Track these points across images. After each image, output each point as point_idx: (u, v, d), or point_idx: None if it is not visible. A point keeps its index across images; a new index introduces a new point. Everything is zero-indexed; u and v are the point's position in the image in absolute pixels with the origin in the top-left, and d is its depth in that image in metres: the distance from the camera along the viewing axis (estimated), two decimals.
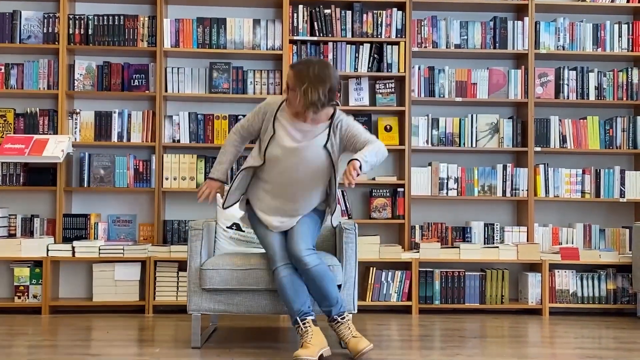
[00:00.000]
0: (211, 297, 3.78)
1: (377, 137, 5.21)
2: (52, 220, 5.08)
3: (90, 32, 5.12)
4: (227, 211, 4.05)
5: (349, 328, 3.56)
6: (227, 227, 4.16)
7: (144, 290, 4.93)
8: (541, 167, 5.26)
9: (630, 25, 5.34)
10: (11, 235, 5.07)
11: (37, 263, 4.92)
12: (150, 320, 4.68)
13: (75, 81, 5.12)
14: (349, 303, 3.79)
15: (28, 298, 4.90)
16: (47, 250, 4.89)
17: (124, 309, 4.95)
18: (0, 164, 5.02)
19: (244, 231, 4.16)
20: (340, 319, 3.57)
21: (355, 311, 3.82)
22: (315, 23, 5.18)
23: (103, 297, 4.92)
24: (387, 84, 5.24)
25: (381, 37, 5.22)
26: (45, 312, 4.86)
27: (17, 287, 4.90)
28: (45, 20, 5.10)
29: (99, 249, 4.91)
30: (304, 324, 3.50)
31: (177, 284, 4.93)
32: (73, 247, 4.91)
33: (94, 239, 5.07)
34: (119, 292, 4.92)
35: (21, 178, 5.05)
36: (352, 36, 5.21)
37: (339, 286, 3.75)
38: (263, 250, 3.83)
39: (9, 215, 5.10)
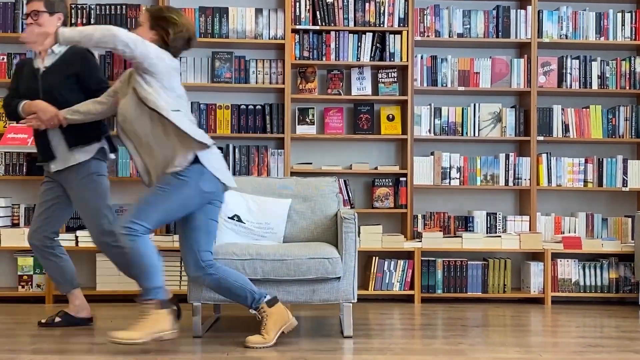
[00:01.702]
0: None
1: (380, 126, 5.23)
2: None
3: (92, 21, 5.11)
4: (229, 203, 4.07)
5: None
6: (229, 218, 4.17)
7: None
8: (544, 156, 5.25)
9: (634, 13, 5.32)
10: (14, 225, 5.08)
11: None
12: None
13: None
14: (348, 293, 3.80)
15: (32, 287, 4.92)
16: None
17: (127, 298, 4.97)
18: (3, 153, 5.03)
19: (244, 223, 4.16)
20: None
21: (355, 300, 3.82)
22: (318, 12, 5.17)
23: (106, 286, 4.94)
24: (390, 73, 5.24)
25: (384, 26, 5.21)
26: (49, 302, 4.88)
27: (21, 276, 4.92)
28: None
29: None
30: None
31: (181, 273, 4.94)
32: (76, 237, 4.92)
33: None
34: (122, 281, 4.92)
35: (24, 168, 5.06)
36: (355, 25, 5.20)
37: (338, 277, 3.77)
38: (264, 242, 3.84)
39: (12, 205, 5.11)
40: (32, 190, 5.19)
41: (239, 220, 4.17)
